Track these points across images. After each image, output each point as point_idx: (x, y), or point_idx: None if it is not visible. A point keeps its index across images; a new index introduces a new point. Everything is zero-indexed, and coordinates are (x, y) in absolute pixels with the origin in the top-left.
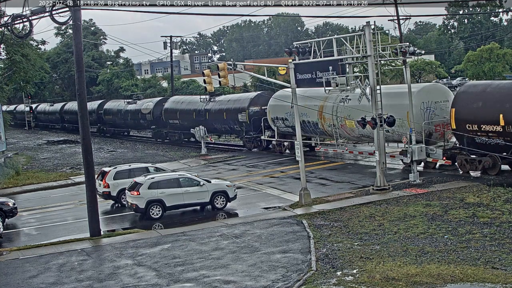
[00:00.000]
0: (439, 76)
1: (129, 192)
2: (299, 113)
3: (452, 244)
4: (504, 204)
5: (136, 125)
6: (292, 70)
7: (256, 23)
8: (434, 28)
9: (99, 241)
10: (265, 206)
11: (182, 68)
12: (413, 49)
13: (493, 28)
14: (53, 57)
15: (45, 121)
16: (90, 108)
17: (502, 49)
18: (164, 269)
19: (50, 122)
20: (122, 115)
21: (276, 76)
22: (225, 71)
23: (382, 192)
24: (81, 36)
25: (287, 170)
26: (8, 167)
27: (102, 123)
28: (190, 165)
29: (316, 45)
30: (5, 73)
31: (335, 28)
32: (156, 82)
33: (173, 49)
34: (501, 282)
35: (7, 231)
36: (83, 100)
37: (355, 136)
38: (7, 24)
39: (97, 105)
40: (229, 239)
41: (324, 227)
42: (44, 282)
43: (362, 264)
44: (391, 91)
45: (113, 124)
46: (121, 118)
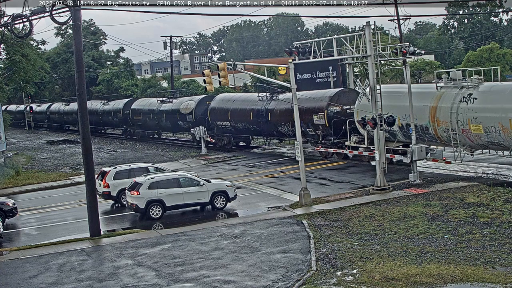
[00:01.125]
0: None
1: (129, 192)
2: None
3: (452, 244)
4: (504, 204)
5: (173, 127)
6: (292, 70)
7: (256, 23)
8: (434, 28)
9: (99, 241)
10: (265, 206)
11: (182, 68)
12: (413, 49)
13: (493, 28)
14: (53, 57)
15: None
16: (115, 107)
17: (502, 49)
18: (164, 269)
19: (65, 123)
20: (156, 116)
21: (276, 76)
22: (225, 71)
23: (382, 192)
24: (81, 36)
25: (287, 170)
26: (8, 167)
27: (129, 125)
28: (190, 165)
29: (316, 45)
30: (5, 73)
31: (335, 28)
32: (156, 82)
33: (173, 49)
34: (501, 282)
35: (7, 231)
36: (83, 100)
37: (480, 143)
38: (7, 24)
39: (123, 104)
40: (229, 239)
41: (324, 227)
42: (44, 282)
43: (362, 264)
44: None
45: (142, 126)
46: (154, 119)
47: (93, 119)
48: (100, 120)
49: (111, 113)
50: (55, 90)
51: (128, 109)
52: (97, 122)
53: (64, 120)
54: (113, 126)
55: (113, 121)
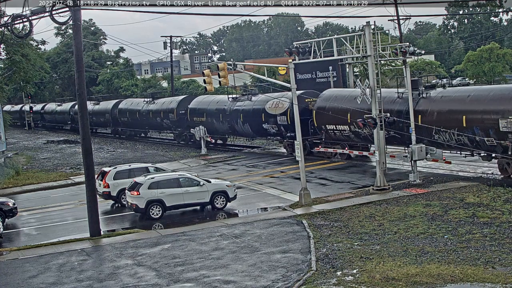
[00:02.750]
0: (439, 76)
1: (129, 192)
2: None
3: (452, 244)
4: (504, 204)
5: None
6: (292, 70)
7: (256, 23)
8: (434, 28)
9: (99, 241)
10: (265, 206)
11: (182, 68)
12: (413, 49)
13: (493, 28)
14: (53, 57)
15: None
16: (104, 108)
17: (502, 49)
18: (164, 269)
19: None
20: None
21: (276, 76)
22: (225, 71)
23: (382, 192)
24: (81, 36)
25: (287, 170)
26: (8, 167)
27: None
28: (190, 165)
29: (316, 45)
30: (5, 73)
31: (335, 28)
32: (156, 82)
33: (173, 49)
34: (501, 282)
35: (7, 231)
36: (83, 100)
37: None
38: (7, 24)
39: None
40: (229, 239)
41: (324, 227)
42: (44, 282)
43: (362, 264)
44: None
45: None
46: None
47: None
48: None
49: (100, 114)
50: (55, 90)
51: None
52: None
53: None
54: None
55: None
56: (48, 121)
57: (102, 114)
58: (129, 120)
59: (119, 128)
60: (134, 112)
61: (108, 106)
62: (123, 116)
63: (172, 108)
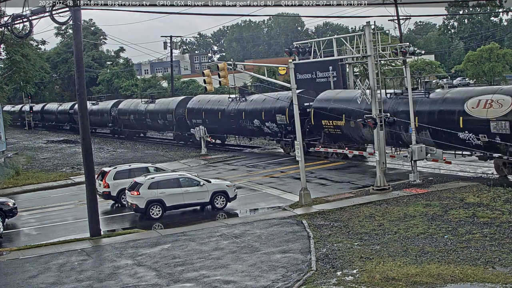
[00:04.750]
0: (439, 77)
1: (129, 192)
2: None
3: (452, 244)
4: (504, 204)
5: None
6: (292, 70)
7: (256, 23)
8: (434, 28)
9: (99, 241)
10: (265, 206)
11: (182, 68)
12: (413, 49)
13: (493, 28)
14: (53, 57)
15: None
16: (103, 108)
17: (502, 49)
18: (164, 269)
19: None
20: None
21: (276, 76)
22: (225, 71)
23: (382, 192)
24: (81, 36)
25: (287, 170)
26: (8, 167)
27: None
28: (190, 165)
29: (316, 45)
30: (5, 73)
31: (335, 28)
32: (156, 82)
33: (173, 49)
34: (501, 282)
35: (7, 231)
36: (83, 100)
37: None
38: (7, 24)
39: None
40: (229, 239)
41: (324, 227)
42: (44, 282)
43: (362, 264)
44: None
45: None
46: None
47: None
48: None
49: (100, 114)
50: (55, 90)
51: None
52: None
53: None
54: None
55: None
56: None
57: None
58: (129, 120)
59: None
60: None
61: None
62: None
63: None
